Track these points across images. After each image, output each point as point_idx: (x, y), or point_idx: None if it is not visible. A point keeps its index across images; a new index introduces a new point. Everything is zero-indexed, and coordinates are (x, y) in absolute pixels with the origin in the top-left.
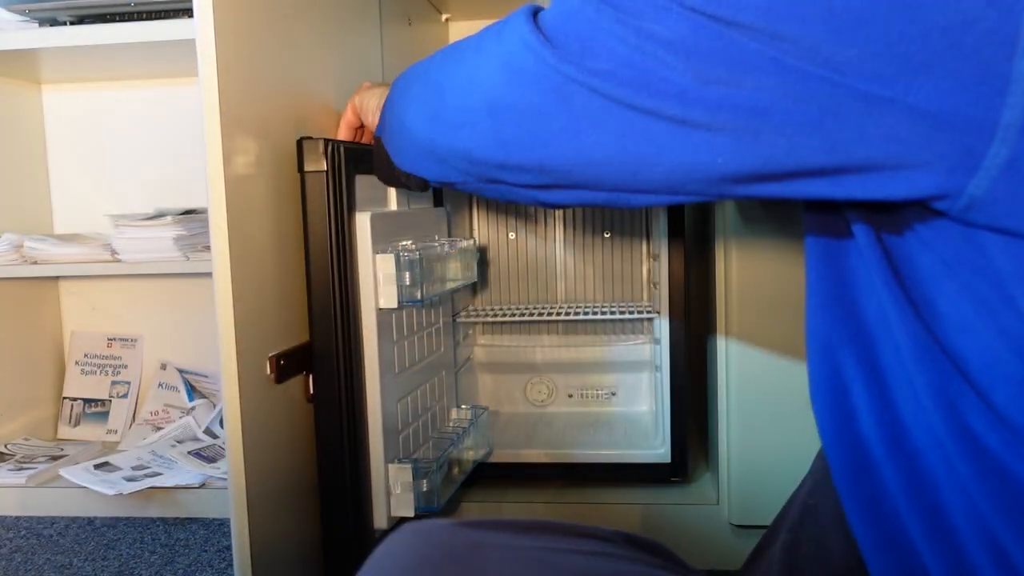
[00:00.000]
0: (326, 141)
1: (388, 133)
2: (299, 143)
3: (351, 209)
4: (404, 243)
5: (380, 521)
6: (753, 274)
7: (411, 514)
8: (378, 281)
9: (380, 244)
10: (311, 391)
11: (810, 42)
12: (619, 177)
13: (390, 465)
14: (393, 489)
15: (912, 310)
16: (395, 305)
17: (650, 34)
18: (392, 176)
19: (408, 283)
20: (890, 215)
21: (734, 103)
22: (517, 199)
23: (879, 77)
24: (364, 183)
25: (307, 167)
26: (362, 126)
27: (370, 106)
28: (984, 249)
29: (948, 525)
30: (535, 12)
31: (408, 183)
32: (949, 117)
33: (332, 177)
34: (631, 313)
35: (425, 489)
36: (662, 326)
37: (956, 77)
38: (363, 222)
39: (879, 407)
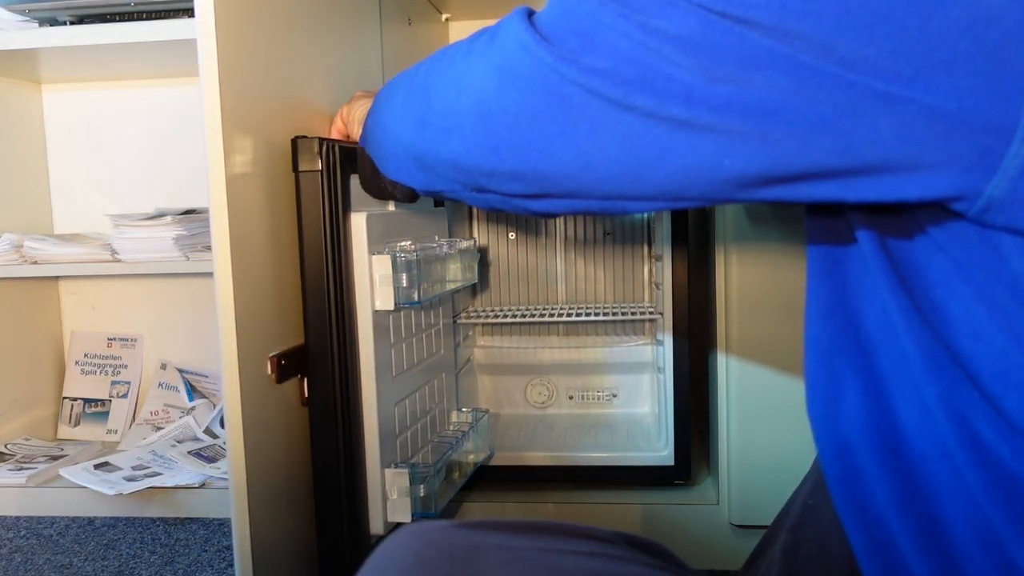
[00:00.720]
0: (320, 140)
1: (372, 142)
2: (294, 142)
3: (346, 209)
4: (402, 244)
5: (376, 527)
6: (753, 276)
7: (408, 519)
8: (374, 282)
9: (376, 245)
10: (305, 395)
11: (824, 39)
12: (618, 183)
13: (386, 470)
14: (389, 494)
15: (920, 318)
16: (391, 307)
17: (655, 30)
18: (377, 186)
19: (405, 284)
20: (898, 219)
21: (743, 102)
22: (506, 209)
23: (896, 75)
24: None
25: (301, 167)
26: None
27: (356, 116)
28: (1000, 251)
29: (945, 534)
30: (530, 13)
31: (394, 193)
32: (968, 117)
33: (327, 177)
34: (632, 314)
35: (422, 494)
36: (665, 327)
37: (976, 76)
38: (359, 222)
39: (876, 415)
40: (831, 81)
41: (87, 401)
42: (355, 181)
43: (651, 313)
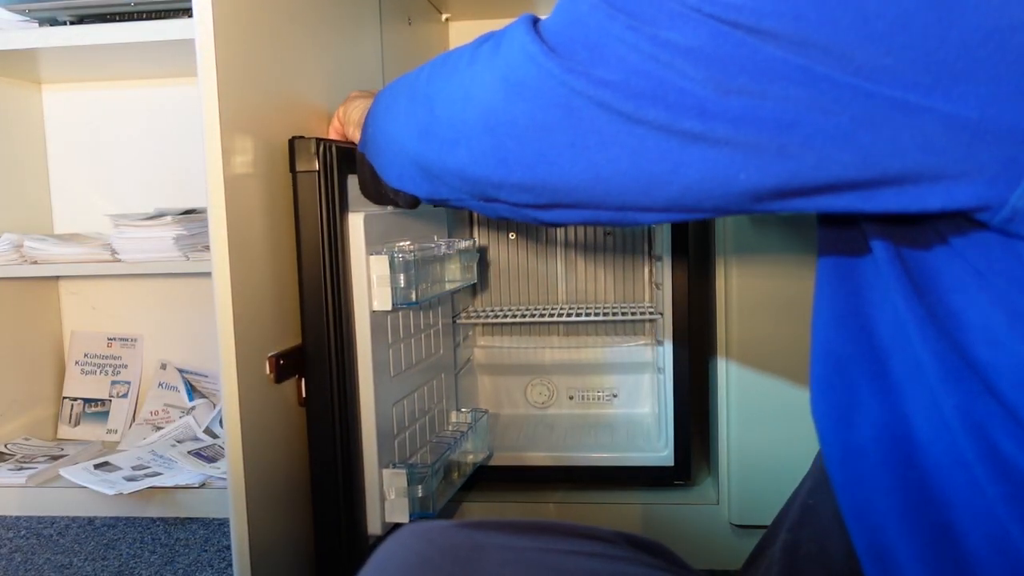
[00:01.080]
0: (318, 140)
1: (372, 148)
2: (291, 143)
3: (344, 209)
4: (401, 244)
5: (374, 527)
6: (754, 276)
7: (406, 520)
8: (371, 283)
9: (374, 245)
10: (303, 395)
11: (841, 49)
12: (629, 196)
13: (384, 470)
14: (387, 495)
15: (935, 326)
16: (389, 307)
17: (666, 42)
18: (378, 193)
19: (403, 284)
20: (915, 227)
21: (758, 115)
22: (514, 218)
23: (916, 85)
24: None
25: (299, 167)
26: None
27: (352, 118)
28: (1022, 259)
29: (958, 545)
30: (535, 21)
31: (396, 200)
32: (990, 126)
33: (324, 177)
34: (633, 314)
35: (420, 495)
36: (665, 327)
37: (998, 84)
38: (356, 222)
39: (891, 424)
40: (848, 92)
41: (87, 401)
42: (353, 181)
43: (651, 313)
